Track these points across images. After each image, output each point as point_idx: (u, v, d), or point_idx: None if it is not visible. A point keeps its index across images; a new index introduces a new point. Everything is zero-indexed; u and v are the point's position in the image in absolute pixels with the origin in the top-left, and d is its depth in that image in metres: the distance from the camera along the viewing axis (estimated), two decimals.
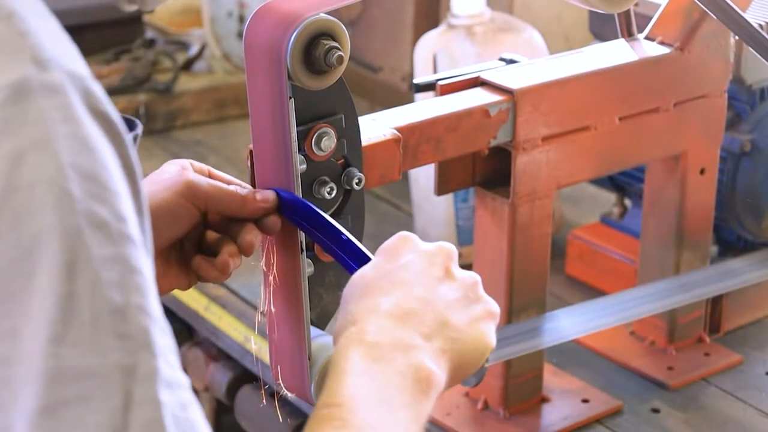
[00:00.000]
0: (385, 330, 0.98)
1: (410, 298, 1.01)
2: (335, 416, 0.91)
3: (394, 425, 0.93)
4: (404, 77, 2.35)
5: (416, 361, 0.97)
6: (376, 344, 0.97)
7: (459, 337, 1.01)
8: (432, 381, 0.97)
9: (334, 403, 0.92)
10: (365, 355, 0.96)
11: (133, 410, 0.74)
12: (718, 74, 1.68)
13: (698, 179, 1.70)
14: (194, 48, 2.66)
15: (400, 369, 0.96)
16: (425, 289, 1.02)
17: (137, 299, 0.75)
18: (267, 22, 1.22)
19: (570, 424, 1.63)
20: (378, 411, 0.93)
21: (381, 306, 1.00)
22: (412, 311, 1.00)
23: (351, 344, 0.97)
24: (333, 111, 1.28)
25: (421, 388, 0.96)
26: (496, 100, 1.51)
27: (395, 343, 0.97)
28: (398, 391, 0.95)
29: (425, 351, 0.98)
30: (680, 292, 1.69)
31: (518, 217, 1.55)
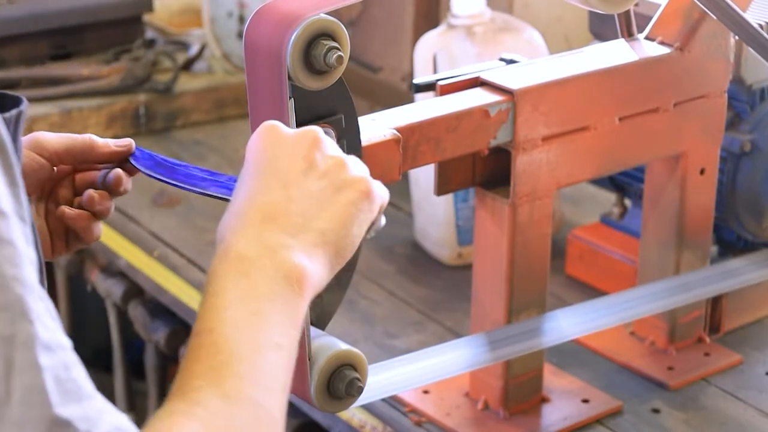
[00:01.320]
0: (250, 238, 0.97)
1: (273, 198, 1.00)
2: (206, 343, 0.91)
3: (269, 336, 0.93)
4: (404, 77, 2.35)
5: (285, 261, 0.97)
6: (242, 256, 0.96)
7: (329, 226, 1.01)
8: (305, 276, 0.97)
9: (204, 330, 0.92)
10: (232, 270, 0.95)
11: (14, 377, 0.76)
12: (718, 74, 1.68)
13: (698, 179, 1.70)
14: (194, 48, 2.66)
15: (269, 275, 0.96)
16: (288, 185, 1.01)
17: (10, 270, 0.77)
18: (267, 22, 1.22)
19: (570, 424, 1.63)
20: (248, 327, 0.92)
21: (244, 214, 0.99)
22: (276, 212, 0.99)
23: (217, 263, 0.97)
24: (333, 111, 1.28)
25: (293, 287, 0.96)
26: (496, 100, 1.51)
27: (261, 250, 0.97)
28: (271, 300, 0.95)
29: (294, 248, 0.98)
30: (680, 292, 1.69)
31: (518, 217, 1.55)
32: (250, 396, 0.89)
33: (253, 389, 0.90)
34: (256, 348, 0.92)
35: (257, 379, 0.91)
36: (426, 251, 2.05)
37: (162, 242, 2.09)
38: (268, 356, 0.92)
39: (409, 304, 1.92)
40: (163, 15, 2.82)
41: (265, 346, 0.93)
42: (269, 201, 1.00)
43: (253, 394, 0.90)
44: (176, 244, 2.07)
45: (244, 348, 0.91)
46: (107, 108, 2.47)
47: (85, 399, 0.79)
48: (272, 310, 0.95)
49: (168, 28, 2.79)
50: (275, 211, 1.00)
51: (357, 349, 1.32)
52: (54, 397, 0.77)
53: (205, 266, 2.01)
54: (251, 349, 0.91)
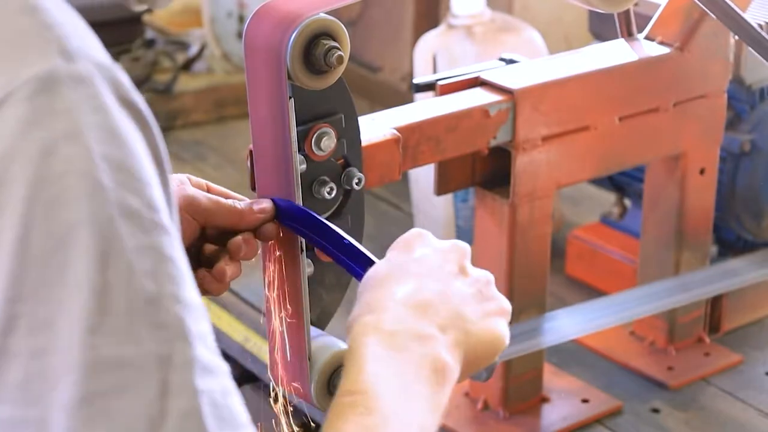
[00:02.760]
0: (402, 319, 0.98)
1: (425, 289, 1.01)
2: (359, 403, 0.90)
3: (414, 414, 0.93)
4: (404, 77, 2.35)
5: (432, 351, 0.97)
6: (393, 333, 0.96)
7: (473, 330, 1.01)
8: (447, 372, 0.97)
9: (357, 391, 0.92)
10: (383, 343, 0.95)
11: (170, 399, 0.74)
12: (718, 74, 1.68)
13: (698, 179, 1.70)
14: (194, 48, 2.66)
15: (416, 359, 0.96)
16: (440, 282, 1.02)
17: (171, 288, 0.76)
18: (267, 22, 1.22)
19: (570, 424, 1.63)
20: (399, 399, 0.92)
21: (397, 295, 1.00)
22: (428, 302, 1.00)
23: (368, 332, 0.97)
24: (333, 111, 1.28)
25: (438, 378, 0.96)
26: (496, 100, 1.51)
27: (412, 333, 0.97)
28: (416, 381, 0.95)
29: (441, 342, 0.98)
30: (680, 292, 1.69)
31: (518, 217, 1.55)
32: None
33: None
34: (404, 421, 0.92)
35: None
36: None
37: None
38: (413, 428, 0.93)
39: None
40: (163, 15, 2.82)
41: (411, 422, 0.93)
42: (423, 291, 1.01)
43: None
44: None
45: (394, 418, 0.91)
46: None
47: (239, 428, 0.78)
48: (419, 390, 0.95)
49: (168, 28, 2.79)
50: (429, 302, 1.00)
51: None
52: (210, 422, 0.76)
53: None
54: (400, 421, 0.92)
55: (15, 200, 0.73)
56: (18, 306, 0.73)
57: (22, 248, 0.73)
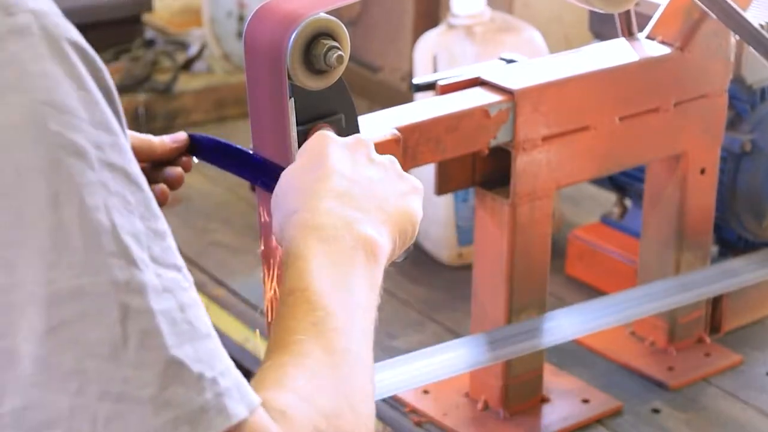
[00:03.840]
0: (327, 211, 1.05)
1: (341, 180, 1.08)
2: (303, 300, 0.96)
3: (355, 297, 1.00)
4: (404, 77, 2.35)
5: (361, 233, 1.04)
6: (322, 225, 1.03)
7: (390, 208, 1.09)
8: (378, 247, 1.05)
9: (298, 288, 0.97)
10: (315, 237, 1.02)
11: (129, 322, 0.79)
12: (719, 74, 1.68)
13: (698, 179, 1.70)
14: (194, 48, 2.66)
15: (348, 244, 1.03)
16: (352, 171, 1.10)
17: (120, 219, 0.80)
18: (267, 22, 1.22)
19: (570, 424, 1.63)
20: (338, 287, 0.99)
21: (317, 191, 1.06)
22: (345, 191, 1.07)
23: (299, 229, 1.03)
24: (333, 111, 1.28)
25: (371, 257, 1.04)
26: (496, 100, 1.51)
27: (339, 222, 1.04)
28: (351, 265, 1.02)
29: (366, 222, 1.05)
30: (680, 292, 1.69)
31: (518, 217, 1.55)
32: (349, 348, 0.95)
33: (349, 342, 0.96)
34: (347, 306, 0.98)
35: (352, 333, 0.96)
36: (426, 251, 2.05)
37: None
38: (357, 314, 0.99)
39: (409, 305, 1.92)
40: (162, 15, 2.82)
41: (353, 305, 0.99)
42: (339, 181, 1.08)
43: (350, 346, 0.95)
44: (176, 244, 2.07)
45: (337, 305, 0.97)
46: None
47: (198, 339, 0.82)
48: (355, 274, 1.01)
49: (168, 28, 2.79)
50: (346, 190, 1.07)
51: None
52: (169, 340, 0.80)
53: (206, 266, 2.01)
54: (343, 307, 0.97)
55: None
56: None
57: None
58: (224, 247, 2.08)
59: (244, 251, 2.05)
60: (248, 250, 2.04)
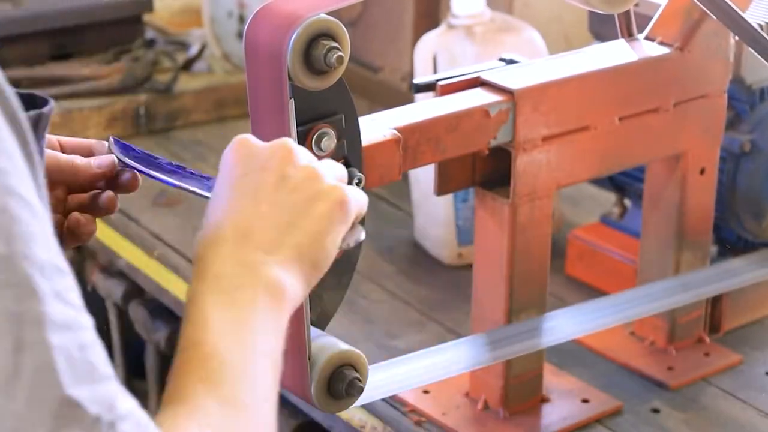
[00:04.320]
0: (226, 257, 0.98)
1: (246, 215, 1.01)
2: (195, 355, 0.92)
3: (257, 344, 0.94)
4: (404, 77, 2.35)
5: (263, 277, 0.98)
6: (219, 275, 0.97)
7: (303, 240, 1.01)
8: (283, 290, 0.98)
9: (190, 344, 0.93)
10: (212, 289, 0.96)
11: (23, 354, 0.75)
12: (718, 74, 1.68)
13: (698, 179, 1.70)
14: (194, 48, 2.66)
15: (248, 291, 0.96)
16: (260, 201, 1.01)
17: (21, 247, 0.76)
18: (267, 23, 1.22)
19: (570, 424, 1.63)
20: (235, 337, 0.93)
21: (219, 233, 1.00)
22: (249, 229, 1.00)
23: (198, 279, 0.97)
24: (333, 111, 1.28)
25: (275, 300, 0.97)
26: (496, 101, 1.51)
27: (239, 269, 0.97)
28: (254, 312, 0.96)
29: (270, 264, 0.98)
30: (680, 292, 1.69)
31: (518, 217, 1.55)
32: (245, 401, 0.91)
33: (246, 395, 0.91)
34: (246, 355, 0.93)
35: (250, 385, 0.92)
36: (426, 251, 2.05)
37: (162, 242, 2.09)
38: (258, 363, 0.94)
39: (409, 304, 1.92)
40: (163, 15, 2.82)
41: (253, 353, 0.94)
42: (242, 218, 1.00)
43: (247, 399, 0.91)
44: (176, 244, 2.07)
45: (235, 356, 0.92)
46: (107, 108, 2.47)
47: (98, 381, 0.78)
48: (255, 319, 0.95)
49: (168, 28, 2.79)
50: (249, 228, 1.00)
51: (357, 349, 1.33)
52: (65, 378, 0.76)
53: None
54: (241, 357, 0.93)
55: None
56: None
57: None
58: None
59: None
60: None
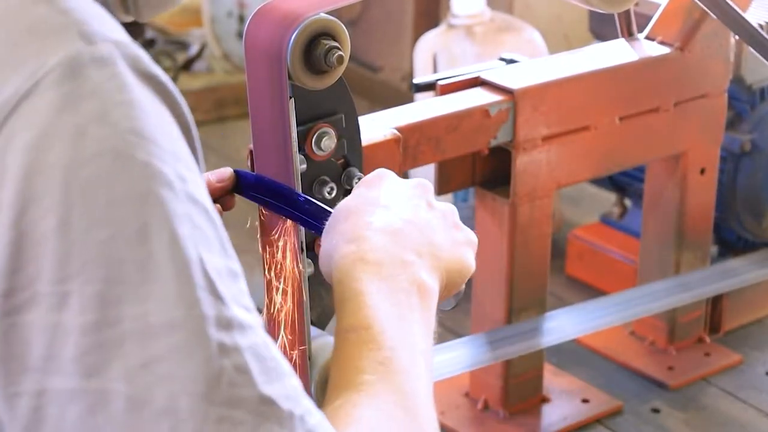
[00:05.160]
0: (383, 248, 1.00)
1: (397, 218, 1.04)
2: (367, 339, 0.93)
3: (414, 340, 0.96)
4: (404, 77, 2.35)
5: (416, 275, 1.00)
6: (378, 262, 0.99)
7: (444, 256, 1.04)
8: (431, 294, 1.01)
9: (361, 326, 0.94)
10: (372, 273, 0.98)
11: (222, 358, 0.76)
12: (718, 74, 1.68)
13: (698, 179, 1.70)
14: (194, 48, 2.66)
15: (404, 286, 0.98)
16: (408, 212, 1.05)
17: (205, 253, 0.78)
18: (267, 22, 1.22)
19: (570, 424, 1.63)
20: (400, 329, 0.95)
21: (372, 224, 1.02)
22: (401, 230, 1.03)
23: (355, 264, 0.99)
24: (333, 111, 1.28)
25: (424, 302, 0.99)
26: (496, 100, 1.51)
27: (395, 261, 1.00)
28: (409, 308, 0.98)
29: (419, 266, 1.01)
30: (680, 292, 1.69)
31: (518, 217, 1.55)
32: (416, 390, 0.92)
33: (416, 385, 0.93)
34: (410, 349, 0.95)
35: (417, 376, 0.93)
36: None
37: None
38: (419, 357, 0.95)
39: None
40: (163, 15, 2.82)
41: (415, 349, 0.95)
42: (391, 220, 1.03)
43: (417, 389, 0.92)
44: None
45: (401, 347, 0.94)
46: None
47: (284, 377, 0.80)
48: (413, 317, 0.97)
49: (168, 27, 2.79)
50: (401, 230, 1.03)
51: None
52: (258, 376, 0.78)
53: None
54: (406, 349, 0.94)
55: (53, 186, 0.75)
56: (67, 285, 0.75)
57: (64, 231, 0.75)
58: None
59: (244, 251, 2.04)
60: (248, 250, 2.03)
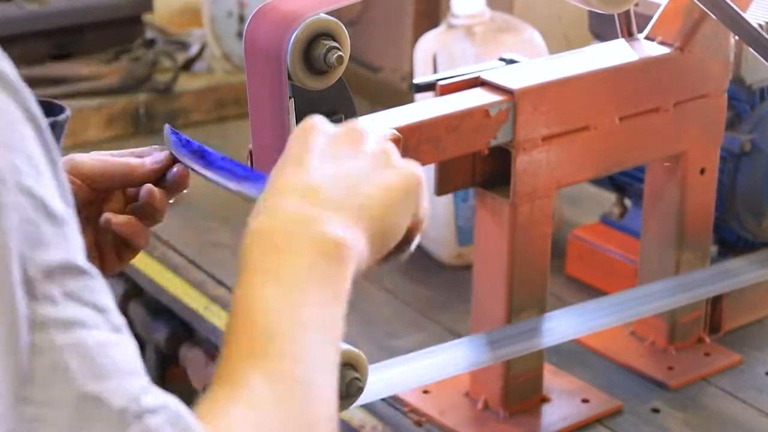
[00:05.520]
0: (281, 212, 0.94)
1: (312, 175, 0.96)
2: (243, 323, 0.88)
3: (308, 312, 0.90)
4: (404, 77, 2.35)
5: (322, 232, 0.92)
6: (274, 229, 0.93)
7: (371, 203, 0.97)
8: (344, 247, 0.93)
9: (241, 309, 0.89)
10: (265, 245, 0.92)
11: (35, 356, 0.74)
12: (718, 74, 1.68)
13: (698, 179, 1.70)
14: (194, 48, 2.66)
15: (303, 249, 0.92)
16: (330, 164, 0.98)
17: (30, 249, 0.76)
18: (267, 22, 1.22)
19: (570, 424, 1.63)
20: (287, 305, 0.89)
21: (282, 187, 0.96)
22: (312, 187, 0.95)
23: (252, 235, 0.93)
24: (333, 111, 1.28)
25: (331, 260, 0.92)
26: (496, 100, 1.51)
27: (294, 224, 0.93)
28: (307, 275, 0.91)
29: (332, 220, 0.93)
30: (680, 292, 1.69)
31: (518, 217, 1.55)
32: (296, 375, 0.86)
33: (298, 368, 0.86)
34: (297, 326, 0.88)
35: (302, 358, 0.87)
36: (426, 251, 2.05)
37: (162, 242, 2.09)
38: (311, 334, 0.89)
39: (409, 304, 1.92)
40: (163, 15, 2.82)
41: (305, 324, 0.89)
42: (305, 177, 0.96)
43: (298, 372, 0.86)
44: (176, 244, 2.07)
45: (285, 327, 0.87)
46: (107, 108, 2.47)
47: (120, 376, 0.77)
48: (310, 285, 0.91)
49: (168, 27, 2.79)
50: (309, 187, 0.95)
51: (357, 349, 1.32)
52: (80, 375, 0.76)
53: (206, 266, 2.02)
54: (292, 328, 0.88)
55: None
56: None
57: None
58: (224, 247, 2.08)
59: None
60: None
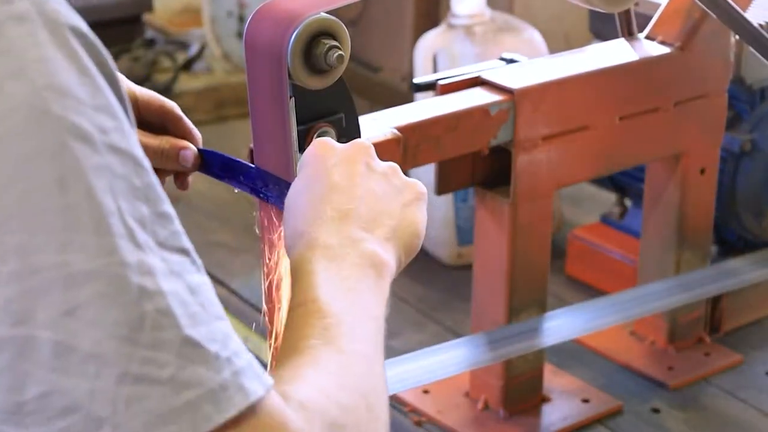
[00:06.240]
0: (332, 232, 1.05)
1: (342, 198, 1.08)
2: (313, 310, 0.97)
3: (363, 307, 1.01)
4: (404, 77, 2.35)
5: (366, 250, 1.05)
6: (327, 246, 1.04)
7: (395, 223, 1.10)
8: (384, 263, 1.06)
9: (308, 300, 0.99)
10: (322, 255, 1.03)
11: (144, 302, 0.79)
12: (719, 74, 1.68)
13: (698, 179, 1.70)
14: (194, 48, 2.66)
15: (354, 261, 1.04)
16: (353, 186, 1.09)
17: (125, 204, 0.80)
18: (267, 22, 1.22)
19: (570, 424, 1.63)
20: (348, 298, 1.00)
21: (321, 214, 1.07)
22: (349, 210, 1.07)
23: (307, 248, 1.04)
24: (333, 110, 1.28)
25: (377, 272, 1.05)
26: (496, 100, 1.51)
27: (344, 241, 1.05)
28: (358, 280, 1.03)
29: (370, 241, 1.06)
30: (680, 292, 1.69)
31: (518, 217, 1.55)
32: (362, 351, 0.97)
33: (363, 346, 0.97)
34: (358, 315, 0.99)
35: (363, 338, 0.98)
36: (426, 251, 2.05)
37: None
38: (368, 324, 1.00)
39: (409, 304, 1.92)
40: (163, 15, 2.82)
41: (364, 315, 1.00)
42: (339, 201, 1.07)
43: (362, 348, 0.97)
44: None
45: (348, 315, 0.98)
46: None
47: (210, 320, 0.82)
48: (363, 287, 1.02)
49: (168, 27, 2.79)
50: (347, 209, 1.07)
51: None
52: (182, 319, 0.80)
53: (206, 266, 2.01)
54: (354, 316, 0.99)
55: None
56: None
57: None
58: (224, 246, 2.08)
59: (244, 251, 2.05)
60: (248, 250, 2.04)
